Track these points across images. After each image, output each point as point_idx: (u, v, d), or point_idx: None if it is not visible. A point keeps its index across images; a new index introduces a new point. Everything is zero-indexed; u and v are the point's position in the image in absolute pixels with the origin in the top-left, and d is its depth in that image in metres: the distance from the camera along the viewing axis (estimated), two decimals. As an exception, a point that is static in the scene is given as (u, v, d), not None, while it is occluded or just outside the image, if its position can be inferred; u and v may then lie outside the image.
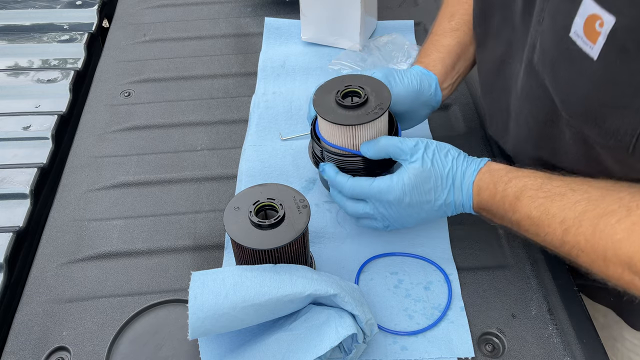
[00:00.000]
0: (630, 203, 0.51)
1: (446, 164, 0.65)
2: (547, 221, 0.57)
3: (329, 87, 0.70)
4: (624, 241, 0.50)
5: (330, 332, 0.56)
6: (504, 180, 0.62)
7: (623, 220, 0.51)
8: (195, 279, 0.55)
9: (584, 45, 0.51)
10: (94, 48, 1.08)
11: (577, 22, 0.51)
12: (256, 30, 1.09)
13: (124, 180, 0.82)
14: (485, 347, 0.63)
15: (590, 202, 0.54)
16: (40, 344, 0.64)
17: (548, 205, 0.57)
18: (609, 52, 0.49)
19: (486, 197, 0.63)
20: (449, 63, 0.77)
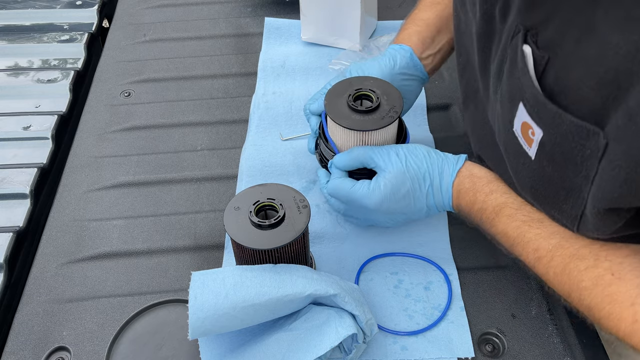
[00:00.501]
0: (599, 252, 0.52)
1: (421, 165, 0.65)
2: (522, 245, 0.58)
3: (338, 91, 0.70)
4: (587, 290, 0.52)
5: (330, 332, 0.56)
6: (484, 190, 0.62)
7: (590, 269, 0.52)
8: (195, 279, 0.55)
9: (523, 144, 0.53)
10: (94, 48, 1.08)
11: (516, 122, 0.53)
12: (256, 30, 1.09)
13: (124, 180, 0.82)
14: (485, 347, 0.63)
15: (564, 238, 0.55)
16: (40, 344, 0.64)
17: (525, 229, 0.57)
18: (541, 158, 0.51)
19: (465, 203, 0.64)
20: (426, 35, 0.78)
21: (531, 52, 0.49)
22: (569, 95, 0.46)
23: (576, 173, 0.48)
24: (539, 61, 0.48)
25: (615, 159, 0.44)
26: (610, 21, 0.41)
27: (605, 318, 0.50)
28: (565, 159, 0.48)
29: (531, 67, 0.49)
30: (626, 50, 0.40)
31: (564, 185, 0.50)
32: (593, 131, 0.45)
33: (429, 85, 0.96)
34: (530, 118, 0.50)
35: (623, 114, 0.42)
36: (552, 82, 0.47)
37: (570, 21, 0.45)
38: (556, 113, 0.47)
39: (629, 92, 0.41)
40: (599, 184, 0.47)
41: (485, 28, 0.59)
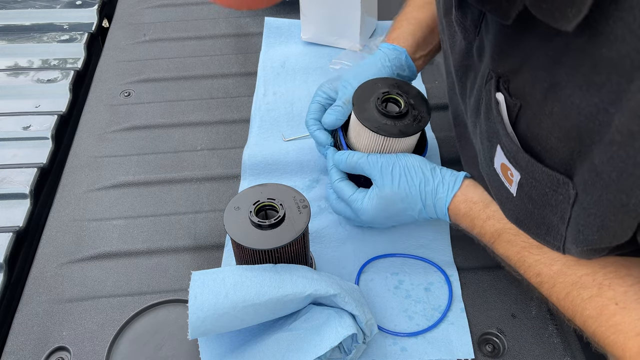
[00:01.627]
0: (603, 281, 0.52)
1: (412, 187, 0.65)
2: (524, 269, 0.58)
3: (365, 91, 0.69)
4: (592, 318, 0.51)
5: (330, 332, 0.56)
6: (481, 217, 0.62)
7: (594, 298, 0.51)
8: (195, 278, 0.55)
9: (504, 181, 0.54)
10: (94, 48, 1.08)
11: (496, 162, 0.54)
12: (256, 30, 1.09)
13: (124, 180, 0.82)
14: (485, 347, 0.63)
15: (566, 265, 0.54)
16: (40, 344, 0.64)
17: (525, 254, 0.57)
18: (522, 196, 0.52)
19: (463, 226, 0.64)
20: (420, 36, 0.78)
21: (504, 100, 0.50)
22: (539, 144, 0.47)
23: (553, 213, 0.49)
24: (512, 108, 0.49)
25: (587, 207, 0.45)
26: (573, 81, 0.42)
27: (610, 346, 0.50)
28: (542, 200, 0.50)
29: (505, 116, 0.50)
30: (588, 111, 0.41)
31: (544, 222, 0.51)
32: (563, 181, 0.46)
33: (429, 85, 0.96)
34: (508, 161, 0.51)
35: (589, 169, 0.43)
36: (524, 129, 0.49)
37: (537, 76, 0.46)
38: (529, 161, 0.48)
39: (591, 149, 0.42)
40: (576, 227, 0.48)
41: (462, 62, 0.60)
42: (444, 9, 0.63)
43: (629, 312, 0.49)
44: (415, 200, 0.65)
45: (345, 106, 0.73)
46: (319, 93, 0.77)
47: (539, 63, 0.46)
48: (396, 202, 0.66)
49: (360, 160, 0.67)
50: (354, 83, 0.74)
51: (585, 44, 0.40)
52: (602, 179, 0.42)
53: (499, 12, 0.45)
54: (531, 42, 0.46)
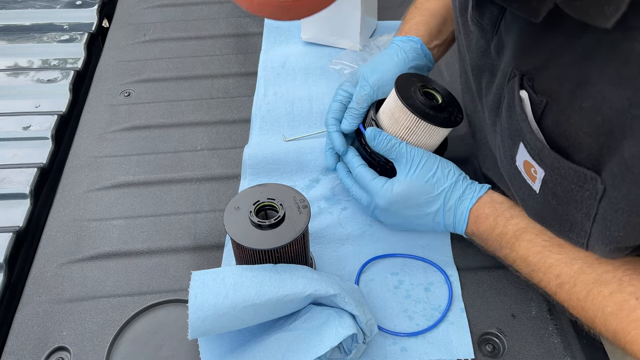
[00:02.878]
0: (623, 276, 0.52)
1: (441, 183, 0.65)
2: (544, 270, 0.58)
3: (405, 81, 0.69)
4: (613, 315, 0.51)
5: (330, 332, 0.56)
6: (505, 215, 0.62)
7: (615, 294, 0.52)
8: (195, 278, 0.55)
9: (527, 179, 0.54)
10: (94, 48, 1.08)
11: (518, 159, 0.54)
12: (256, 30, 1.09)
13: (124, 180, 0.82)
14: (485, 347, 0.63)
15: (587, 263, 0.55)
16: (40, 344, 0.64)
17: (546, 254, 0.57)
18: (545, 193, 0.52)
19: (484, 228, 0.63)
20: (433, 25, 0.78)
21: (528, 97, 0.49)
22: (567, 140, 0.47)
23: (578, 210, 0.49)
24: (537, 104, 0.49)
25: (615, 202, 0.45)
26: (605, 77, 0.42)
27: (631, 343, 0.50)
28: (567, 197, 0.49)
29: (530, 114, 0.50)
30: (620, 105, 0.42)
31: (567, 218, 0.51)
32: (590, 176, 0.46)
33: (429, 86, 0.96)
34: (531, 159, 0.51)
35: (619, 163, 0.43)
36: (551, 126, 0.48)
37: (565, 73, 0.46)
38: (555, 158, 0.48)
39: (622, 143, 0.42)
40: (603, 223, 0.48)
41: (479, 62, 0.60)
42: (460, 7, 0.63)
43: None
44: (437, 199, 0.65)
45: (359, 106, 0.73)
46: (340, 92, 0.77)
47: (567, 59, 0.45)
48: (417, 195, 0.65)
49: (398, 145, 0.67)
50: (370, 79, 0.73)
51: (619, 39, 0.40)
52: (632, 172, 0.42)
53: (528, 10, 0.45)
54: (558, 39, 0.46)
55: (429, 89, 0.69)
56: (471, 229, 0.65)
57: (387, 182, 0.67)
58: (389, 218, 0.69)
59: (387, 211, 0.68)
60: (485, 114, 0.62)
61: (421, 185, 0.65)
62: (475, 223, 0.64)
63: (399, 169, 0.67)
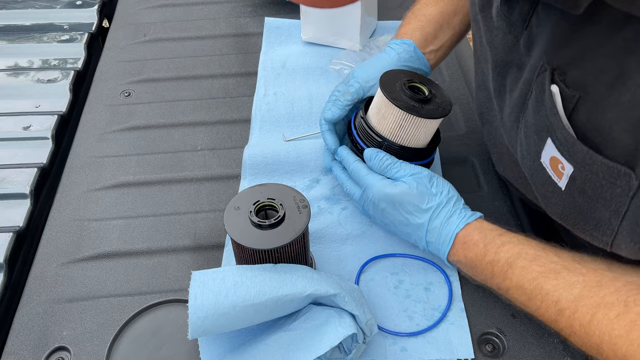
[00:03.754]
0: (627, 298, 0.50)
1: (431, 200, 0.64)
2: (540, 297, 0.55)
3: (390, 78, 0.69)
4: (622, 338, 0.49)
5: (330, 332, 0.56)
6: (496, 243, 0.60)
7: (622, 316, 0.49)
8: (195, 278, 0.55)
9: (552, 175, 0.52)
10: (94, 48, 1.08)
11: (544, 155, 0.52)
12: (256, 30, 1.09)
13: (124, 180, 0.82)
14: (485, 347, 0.63)
15: (587, 288, 0.52)
16: (40, 344, 0.64)
17: (542, 280, 0.55)
18: (572, 190, 0.50)
19: (472, 255, 0.61)
20: (429, 31, 0.78)
21: (559, 92, 0.48)
22: (600, 135, 0.46)
23: (606, 207, 0.48)
24: (569, 99, 0.48)
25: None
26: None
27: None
28: (596, 194, 0.48)
29: (560, 108, 0.48)
30: None
31: (593, 216, 0.50)
32: (624, 172, 0.45)
33: (429, 86, 0.96)
34: (560, 154, 0.50)
35: None
36: (583, 121, 0.47)
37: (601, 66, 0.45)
38: (587, 153, 0.47)
39: None
40: (633, 221, 0.47)
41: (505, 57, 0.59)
42: (481, 4, 0.62)
43: None
44: (424, 214, 0.64)
45: (344, 98, 0.73)
46: (335, 93, 0.77)
47: (604, 53, 0.44)
48: (407, 202, 0.64)
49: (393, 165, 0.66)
50: (360, 76, 0.73)
51: None
52: None
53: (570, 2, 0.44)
54: (595, 32, 0.45)
55: (415, 82, 0.69)
56: (458, 256, 0.63)
57: (384, 179, 0.67)
58: (377, 215, 0.69)
59: (377, 207, 0.67)
60: (506, 111, 0.61)
61: (413, 194, 0.64)
62: (463, 249, 0.62)
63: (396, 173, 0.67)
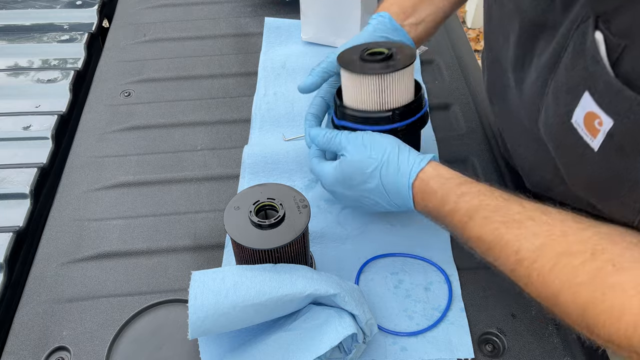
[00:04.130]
0: (595, 246, 0.49)
1: (373, 160, 0.63)
2: (500, 247, 0.54)
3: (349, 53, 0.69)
4: (584, 285, 0.48)
5: (330, 332, 0.56)
6: (456, 192, 0.58)
7: (587, 263, 0.48)
8: (195, 278, 0.55)
9: (585, 135, 0.50)
10: (94, 48, 1.08)
11: (577, 113, 0.50)
12: (256, 30, 1.09)
13: (124, 180, 0.82)
14: (485, 347, 0.63)
15: (551, 237, 0.51)
16: (40, 344, 0.64)
17: (503, 230, 0.54)
18: (607, 149, 0.48)
19: (433, 205, 0.60)
20: (407, 5, 0.77)
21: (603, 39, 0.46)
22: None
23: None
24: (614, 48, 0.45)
25: None
26: None
27: (606, 313, 0.46)
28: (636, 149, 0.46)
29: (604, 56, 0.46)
30: None
31: (629, 177, 0.48)
32: None
33: (429, 86, 0.96)
34: (598, 108, 0.47)
35: None
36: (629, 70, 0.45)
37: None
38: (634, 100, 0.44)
39: None
40: None
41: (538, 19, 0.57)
42: None
43: (628, 272, 0.46)
44: (372, 177, 0.63)
45: (318, 67, 0.73)
46: (324, 87, 0.76)
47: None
48: (352, 176, 0.64)
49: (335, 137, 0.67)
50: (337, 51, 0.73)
51: None
52: None
53: None
54: None
55: (372, 48, 0.67)
56: (421, 206, 0.62)
57: (327, 165, 0.67)
58: (341, 200, 0.69)
59: (334, 193, 0.69)
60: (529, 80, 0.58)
61: (355, 163, 0.63)
62: (422, 199, 0.61)
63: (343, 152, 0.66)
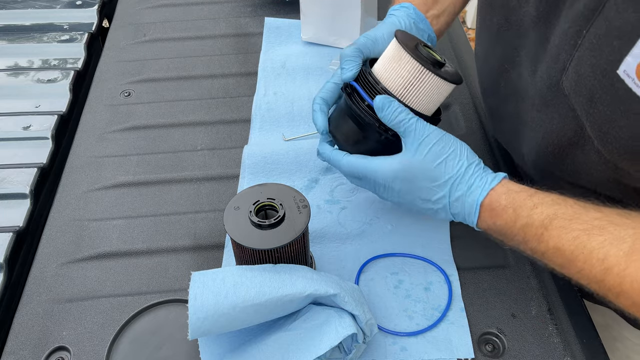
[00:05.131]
0: None
1: (449, 170, 0.59)
2: (583, 257, 0.50)
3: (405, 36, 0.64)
4: None
5: (330, 332, 0.56)
6: (527, 205, 0.55)
7: None
8: (195, 279, 0.55)
9: (634, 86, 0.47)
10: (94, 48, 1.08)
11: (628, 62, 0.47)
12: (256, 30, 1.09)
13: (124, 180, 0.82)
14: (485, 347, 0.63)
15: (638, 241, 0.48)
16: (40, 344, 0.64)
17: (585, 239, 0.50)
18: None
19: (502, 222, 0.57)
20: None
21: None
22: None
23: None
24: None
25: None
26: None
27: None
28: None
29: None
30: None
31: None
32: None
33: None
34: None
35: None
36: None
37: None
38: None
39: None
40: None
41: None
42: None
43: None
44: (442, 187, 0.59)
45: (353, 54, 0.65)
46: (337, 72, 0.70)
47: None
48: (421, 179, 0.59)
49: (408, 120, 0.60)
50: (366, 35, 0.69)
51: None
52: None
53: None
54: None
55: (429, 47, 0.64)
56: (486, 223, 0.59)
57: (389, 159, 0.61)
58: (394, 197, 0.63)
59: (392, 190, 0.62)
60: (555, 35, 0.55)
61: (428, 170, 0.59)
62: (491, 217, 0.58)
63: (406, 146, 0.60)
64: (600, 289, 0.51)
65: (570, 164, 0.61)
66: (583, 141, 0.56)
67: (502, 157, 0.83)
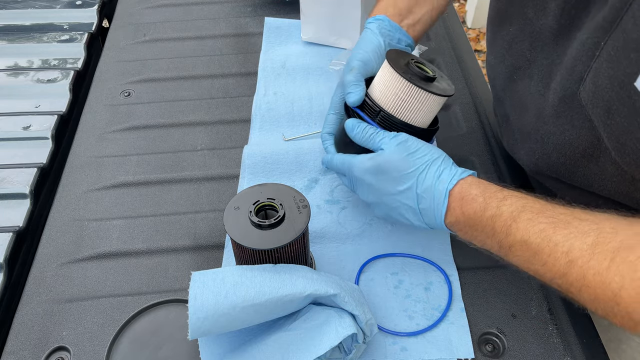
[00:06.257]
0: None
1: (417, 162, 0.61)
2: (548, 250, 0.51)
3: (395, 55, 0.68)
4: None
5: (330, 332, 0.56)
6: (497, 196, 0.56)
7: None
8: (195, 279, 0.55)
9: None
10: (94, 48, 1.08)
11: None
12: (256, 30, 1.09)
13: (124, 180, 0.82)
14: (485, 347, 0.63)
15: (602, 234, 0.48)
16: (40, 344, 0.64)
17: (550, 232, 0.51)
18: None
19: (472, 211, 0.57)
20: (402, 6, 0.77)
21: None
22: None
23: None
24: None
25: None
26: None
27: None
28: None
29: None
30: None
31: None
32: None
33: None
34: None
35: None
36: None
37: None
38: None
39: None
40: None
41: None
42: None
43: None
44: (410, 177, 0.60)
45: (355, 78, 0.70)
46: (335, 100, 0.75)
47: None
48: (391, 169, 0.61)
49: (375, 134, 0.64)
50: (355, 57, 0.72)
51: None
52: None
53: None
54: None
55: (419, 63, 0.68)
56: (455, 215, 0.59)
57: (366, 155, 0.65)
58: (365, 192, 0.66)
59: (363, 184, 0.65)
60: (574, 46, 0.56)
61: (397, 160, 0.61)
62: (460, 206, 0.58)
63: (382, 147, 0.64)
64: (563, 284, 0.51)
65: (581, 175, 0.61)
66: (598, 152, 0.56)
67: (503, 157, 0.83)
